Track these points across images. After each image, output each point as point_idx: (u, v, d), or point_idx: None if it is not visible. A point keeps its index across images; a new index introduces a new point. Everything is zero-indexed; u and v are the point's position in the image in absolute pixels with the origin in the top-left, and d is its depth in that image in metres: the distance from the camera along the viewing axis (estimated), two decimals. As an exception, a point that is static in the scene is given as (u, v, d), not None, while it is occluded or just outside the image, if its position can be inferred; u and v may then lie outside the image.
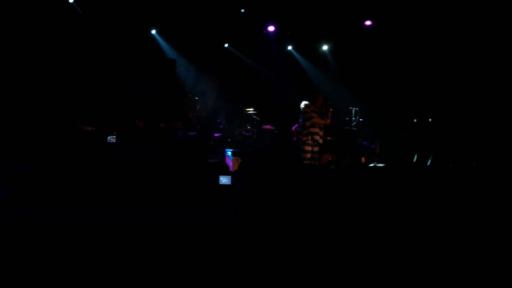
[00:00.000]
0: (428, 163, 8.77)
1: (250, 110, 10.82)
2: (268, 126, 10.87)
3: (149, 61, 10.67)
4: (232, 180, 5.88)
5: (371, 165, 9.09)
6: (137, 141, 7.46)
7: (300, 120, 8.72)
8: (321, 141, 8.61)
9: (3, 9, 8.26)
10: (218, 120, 10.51)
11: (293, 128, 9.23)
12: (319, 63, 12.48)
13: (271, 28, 12.00)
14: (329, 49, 12.36)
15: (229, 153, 9.69)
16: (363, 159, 9.62)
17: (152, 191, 4.88)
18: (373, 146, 9.94)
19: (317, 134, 8.54)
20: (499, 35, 9.01)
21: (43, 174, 5.15)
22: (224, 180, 6.05)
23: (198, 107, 10.72)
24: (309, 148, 8.50)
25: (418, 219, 3.71)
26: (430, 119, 9.30)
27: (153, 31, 11.32)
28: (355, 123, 10.09)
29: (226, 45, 12.50)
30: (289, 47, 12.62)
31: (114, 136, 7.61)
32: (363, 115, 10.16)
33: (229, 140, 10.26)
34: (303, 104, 8.70)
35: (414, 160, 9.14)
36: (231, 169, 7.71)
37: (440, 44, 9.91)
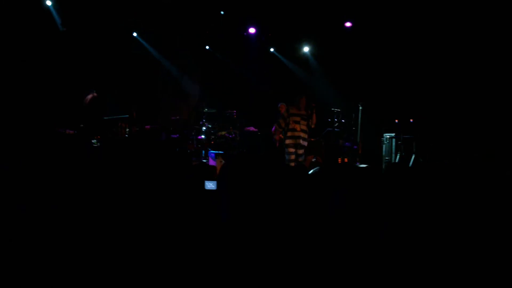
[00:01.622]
0: (410, 164, 8.90)
1: (233, 112, 10.82)
2: (251, 128, 10.89)
3: (131, 63, 10.59)
4: (217, 184, 5.85)
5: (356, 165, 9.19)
6: (122, 144, 7.39)
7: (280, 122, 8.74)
8: (305, 143, 8.63)
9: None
10: (201, 122, 10.47)
11: (273, 129, 9.22)
12: (301, 64, 12.57)
13: (252, 30, 12.03)
14: (310, 50, 12.46)
15: (213, 155, 9.67)
16: (345, 160, 9.73)
17: (138, 195, 4.83)
18: (355, 147, 10.06)
19: (299, 137, 8.54)
20: (481, 36, 9.19)
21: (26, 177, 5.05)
22: (210, 185, 6.01)
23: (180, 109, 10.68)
24: (292, 150, 8.50)
25: (408, 218, 3.75)
26: (411, 120, 9.43)
27: (135, 34, 11.23)
28: (337, 124, 10.19)
29: (207, 47, 12.48)
30: (271, 49, 12.68)
31: (97, 140, 7.52)
32: (346, 116, 10.28)
33: (212, 142, 10.23)
34: (282, 106, 8.75)
35: (397, 160, 9.26)
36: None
37: (421, 44, 10.07)
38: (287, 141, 8.49)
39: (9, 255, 3.20)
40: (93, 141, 7.53)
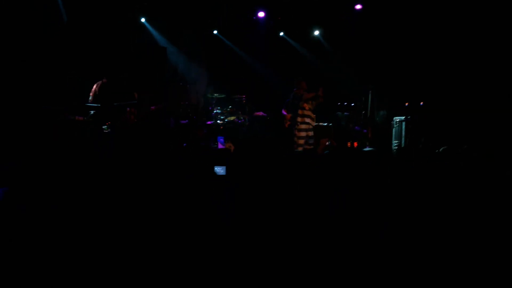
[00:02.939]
0: (420, 146, 8.83)
1: (242, 97, 10.79)
2: (260, 113, 10.85)
3: (140, 49, 10.56)
4: (227, 170, 5.86)
5: (365, 149, 9.15)
6: (131, 130, 7.40)
7: (290, 105, 8.75)
8: (313, 124, 8.62)
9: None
10: (210, 108, 10.47)
11: (283, 111, 9.16)
12: (310, 47, 12.45)
13: (261, 14, 11.91)
14: (320, 33, 12.33)
15: (222, 140, 9.68)
16: (355, 144, 9.68)
17: (148, 184, 4.84)
18: (365, 130, 9.99)
19: (309, 116, 8.53)
20: (494, 21, 9.00)
21: (39, 170, 5.08)
22: (219, 170, 6.03)
23: (190, 94, 10.66)
24: (303, 134, 8.49)
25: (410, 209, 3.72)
26: (422, 103, 9.34)
27: (143, 19, 11.18)
28: (346, 106, 10.18)
29: (215, 32, 12.40)
30: (281, 33, 12.57)
31: (108, 126, 7.50)
32: (356, 100, 10.21)
33: (221, 127, 10.23)
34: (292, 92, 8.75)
35: (406, 143, 9.19)
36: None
37: (432, 25, 9.90)
38: (299, 125, 8.50)
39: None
40: (103, 127, 7.53)
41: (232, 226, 3.60)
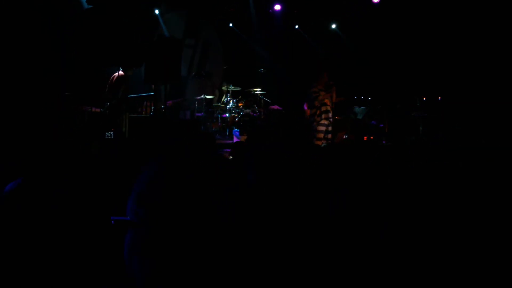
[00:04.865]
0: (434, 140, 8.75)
1: (257, 90, 10.77)
2: (276, 107, 10.82)
3: (155, 41, 10.57)
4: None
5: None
6: (146, 122, 7.41)
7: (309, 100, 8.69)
8: (331, 118, 8.58)
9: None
10: (225, 101, 10.48)
11: (305, 106, 9.06)
12: (327, 41, 12.36)
13: (277, 7, 11.85)
14: (337, 27, 12.23)
15: (237, 133, 9.70)
16: (371, 138, 9.60)
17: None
18: (381, 125, 9.90)
19: (329, 111, 8.50)
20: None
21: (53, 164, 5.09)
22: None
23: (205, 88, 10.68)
24: (322, 128, 8.44)
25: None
26: (439, 98, 9.23)
27: (157, 11, 11.16)
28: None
29: (230, 24, 12.36)
30: (296, 26, 12.49)
31: (111, 132, 7.37)
32: (372, 94, 10.13)
33: (237, 120, 10.24)
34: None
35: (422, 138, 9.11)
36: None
37: (451, 19, 9.74)
38: (318, 119, 8.45)
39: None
40: (107, 133, 7.33)
41: (231, 225, 3.59)
